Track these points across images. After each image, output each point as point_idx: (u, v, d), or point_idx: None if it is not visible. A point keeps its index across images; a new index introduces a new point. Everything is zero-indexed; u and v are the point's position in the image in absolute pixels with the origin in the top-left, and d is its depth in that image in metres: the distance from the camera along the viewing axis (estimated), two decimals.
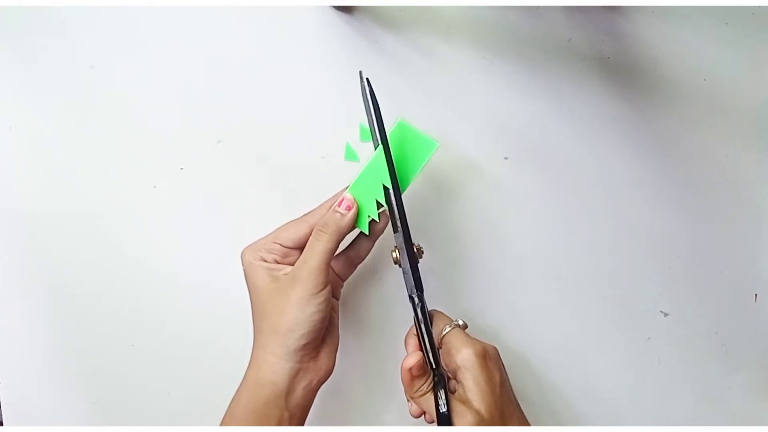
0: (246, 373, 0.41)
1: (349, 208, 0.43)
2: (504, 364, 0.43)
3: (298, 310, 0.39)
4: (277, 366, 0.39)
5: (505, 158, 0.52)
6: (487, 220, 0.52)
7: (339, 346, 0.44)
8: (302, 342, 0.39)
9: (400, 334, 0.47)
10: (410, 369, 0.42)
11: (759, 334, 0.52)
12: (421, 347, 0.42)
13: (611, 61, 0.53)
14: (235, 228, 0.51)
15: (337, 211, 0.42)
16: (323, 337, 0.42)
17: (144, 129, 0.52)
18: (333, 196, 0.45)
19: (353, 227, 0.43)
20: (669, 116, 0.52)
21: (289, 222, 0.44)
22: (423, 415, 0.43)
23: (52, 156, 0.52)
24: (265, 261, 0.42)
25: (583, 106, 0.52)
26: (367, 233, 0.44)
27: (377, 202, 0.44)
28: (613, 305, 0.51)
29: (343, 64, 0.52)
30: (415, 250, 0.43)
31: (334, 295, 0.45)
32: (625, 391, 0.51)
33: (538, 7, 0.53)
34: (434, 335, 0.43)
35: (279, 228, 0.44)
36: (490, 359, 0.41)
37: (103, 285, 0.51)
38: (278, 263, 0.42)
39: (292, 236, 0.43)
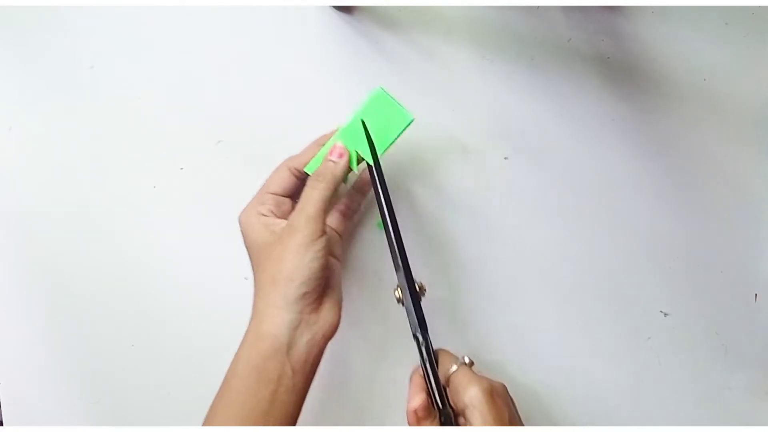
0: (247, 328, 0.40)
1: (341, 156, 0.43)
2: (513, 399, 0.42)
3: (296, 258, 0.39)
4: (278, 318, 0.39)
5: (505, 158, 0.52)
6: (487, 220, 0.52)
7: (341, 352, 0.44)
8: (302, 291, 0.39)
9: (403, 340, 0.47)
10: (415, 411, 0.41)
11: (759, 334, 0.52)
12: (427, 387, 0.42)
13: (611, 61, 0.53)
14: (235, 228, 0.51)
15: (329, 160, 0.43)
16: (324, 290, 0.42)
17: (144, 129, 0.52)
18: (315, 140, 0.45)
19: (347, 173, 0.43)
20: (669, 116, 0.52)
21: (272, 173, 0.45)
22: None
23: (52, 156, 0.53)
24: (263, 215, 0.42)
25: (583, 106, 0.52)
26: (357, 171, 0.45)
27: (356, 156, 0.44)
28: (613, 305, 0.51)
29: (343, 64, 0.52)
30: (417, 288, 0.43)
31: (335, 253, 0.45)
32: (625, 391, 0.51)
33: (538, 7, 0.53)
34: (441, 374, 0.42)
35: (264, 182, 0.45)
36: (499, 396, 0.40)
37: (103, 285, 0.51)
38: (274, 215, 0.43)
39: (277, 182, 0.44)
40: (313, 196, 0.41)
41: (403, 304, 0.44)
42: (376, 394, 0.51)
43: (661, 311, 0.52)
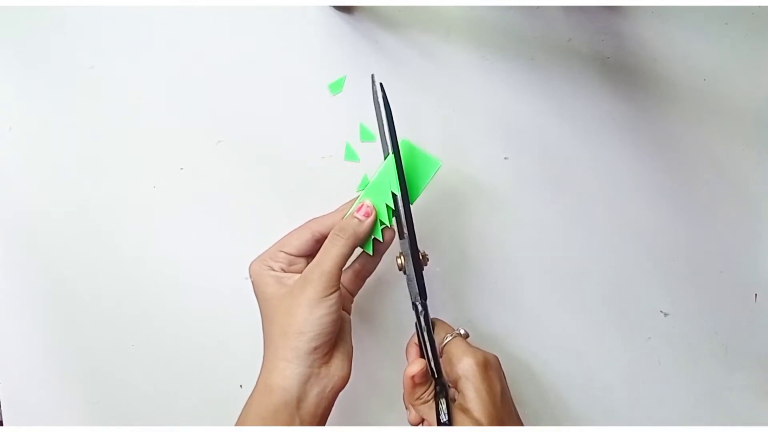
0: (257, 379, 0.40)
1: (367, 215, 0.42)
2: (504, 372, 0.43)
3: (307, 312, 0.39)
4: (288, 371, 0.38)
5: (505, 158, 0.52)
6: (487, 220, 0.52)
7: None
8: (312, 345, 0.39)
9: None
10: (413, 377, 0.41)
11: (759, 334, 0.52)
12: (423, 355, 0.42)
13: (611, 61, 0.53)
14: (235, 228, 0.51)
15: (355, 217, 0.42)
16: (335, 344, 0.41)
17: (144, 129, 0.52)
18: (342, 206, 0.44)
19: (370, 235, 0.43)
20: (669, 116, 0.52)
21: (292, 231, 0.44)
22: (422, 423, 0.43)
23: (52, 156, 0.53)
24: (273, 270, 0.42)
25: (583, 105, 0.52)
26: (371, 253, 0.44)
27: (388, 209, 0.44)
28: (613, 305, 0.51)
29: (343, 64, 0.52)
30: (420, 257, 0.43)
31: (345, 308, 0.45)
32: (625, 391, 0.51)
33: (537, 7, 0.53)
34: (436, 343, 0.43)
35: (282, 238, 0.44)
36: (491, 368, 0.41)
37: (103, 285, 0.51)
38: (284, 272, 0.42)
39: (295, 243, 0.43)
40: (331, 252, 0.40)
41: (404, 272, 0.44)
42: (375, 395, 0.51)
43: (661, 311, 0.52)
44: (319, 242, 0.43)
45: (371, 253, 0.44)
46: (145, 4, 0.53)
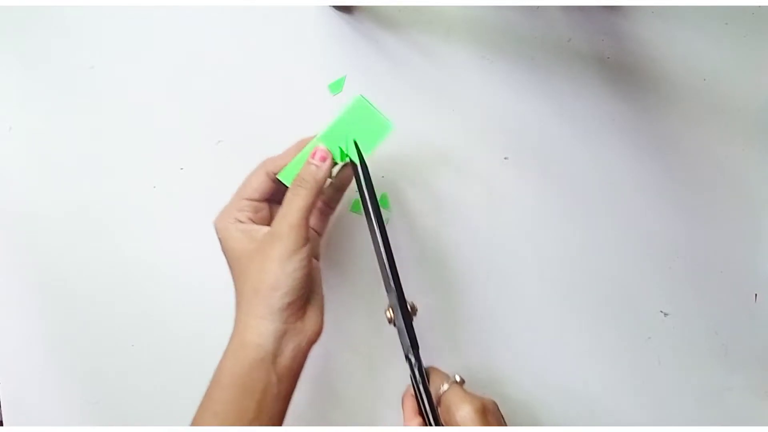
0: (230, 339, 0.40)
1: (323, 159, 0.42)
2: (504, 416, 0.42)
3: (278, 268, 0.38)
4: (262, 327, 0.38)
5: (505, 158, 0.52)
6: (487, 220, 0.52)
7: (337, 353, 0.43)
8: (286, 300, 0.38)
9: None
10: None
11: (759, 334, 0.52)
12: (420, 409, 0.42)
13: (611, 61, 0.53)
14: None
15: (312, 163, 0.42)
16: (307, 297, 0.41)
17: (144, 129, 0.52)
18: (295, 144, 0.44)
19: (328, 177, 0.43)
20: (669, 116, 0.52)
21: (247, 176, 0.44)
22: None
23: (52, 156, 0.53)
24: (241, 222, 0.41)
25: (583, 106, 0.52)
26: (341, 162, 0.44)
27: (341, 151, 0.43)
28: (613, 305, 0.51)
29: (343, 64, 0.52)
30: (409, 308, 0.43)
31: (314, 253, 0.44)
32: (625, 391, 0.51)
33: (537, 7, 0.53)
34: (432, 393, 0.42)
35: (240, 186, 0.43)
36: (490, 414, 0.40)
37: (103, 285, 0.51)
38: (252, 222, 0.42)
39: (254, 186, 0.43)
40: (295, 203, 0.40)
41: (394, 325, 0.43)
42: (369, 399, 0.51)
43: (661, 311, 0.52)
44: (276, 182, 0.43)
45: (341, 161, 0.43)
46: (145, 4, 0.53)
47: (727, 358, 0.51)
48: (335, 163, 0.43)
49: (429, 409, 0.41)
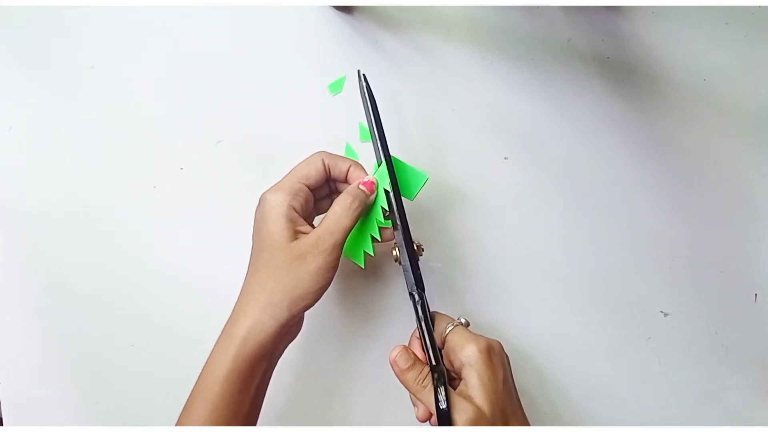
0: (229, 331, 0.39)
1: (372, 191, 0.43)
2: (509, 358, 0.43)
3: (314, 281, 0.39)
4: (272, 329, 0.39)
5: (505, 158, 0.52)
6: (487, 220, 0.52)
7: (339, 343, 0.43)
8: (304, 311, 0.40)
9: (400, 332, 0.47)
10: (395, 361, 0.42)
11: (759, 334, 0.52)
12: (422, 345, 0.42)
13: (611, 61, 0.53)
14: (235, 228, 0.51)
15: (362, 189, 0.42)
16: None
17: (144, 129, 0.52)
18: (353, 161, 0.44)
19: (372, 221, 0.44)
20: (669, 116, 0.52)
21: (302, 162, 0.43)
22: (430, 418, 0.42)
23: (52, 156, 0.52)
24: (294, 209, 0.41)
25: (582, 106, 0.52)
26: (363, 266, 0.44)
27: (382, 210, 0.44)
28: (613, 305, 0.51)
29: (343, 64, 0.52)
30: (415, 247, 0.43)
31: None
32: (625, 391, 0.51)
33: (537, 7, 0.53)
34: (437, 335, 0.43)
35: (295, 168, 0.43)
36: (495, 354, 0.41)
37: (103, 285, 0.51)
38: (302, 212, 0.41)
39: (313, 173, 0.42)
40: (343, 223, 0.40)
41: (400, 263, 0.44)
42: (369, 399, 0.51)
43: (661, 311, 0.52)
44: (326, 174, 0.43)
45: (363, 266, 0.44)
46: (145, 4, 0.53)
47: (727, 357, 0.51)
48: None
49: (428, 340, 0.41)
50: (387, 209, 0.44)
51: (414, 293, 0.43)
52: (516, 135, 0.52)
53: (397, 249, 0.44)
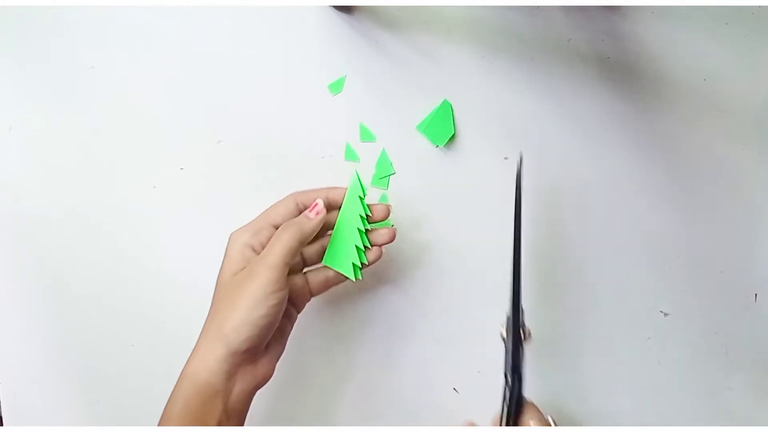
0: (184, 368, 0.39)
1: (317, 214, 0.42)
2: None
3: (246, 310, 0.38)
4: (216, 366, 0.38)
5: (505, 158, 0.52)
6: (487, 220, 0.52)
7: (339, 350, 0.43)
8: (243, 347, 0.38)
9: (390, 334, 0.47)
10: None
11: (759, 334, 0.52)
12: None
13: (611, 61, 0.53)
14: (235, 228, 0.51)
15: (305, 215, 0.42)
16: (268, 344, 0.41)
17: (144, 129, 0.52)
18: (327, 187, 0.44)
19: (315, 233, 0.42)
20: (669, 116, 0.52)
21: (277, 202, 0.43)
22: None
23: (52, 156, 0.53)
24: (250, 246, 0.41)
25: (582, 106, 0.52)
26: (354, 279, 0.44)
27: (360, 233, 0.44)
28: (613, 305, 0.51)
29: (343, 64, 0.52)
30: (522, 331, 0.42)
31: (298, 306, 0.44)
32: (625, 391, 0.51)
33: (538, 7, 0.53)
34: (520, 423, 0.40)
35: (267, 209, 0.43)
36: None
37: (103, 285, 0.51)
38: (263, 248, 0.41)
39: (280, 212, 0.43)
40: (277, 245, 0.39)
41: (504, 342, 0.43)
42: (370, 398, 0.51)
43: (661, 311, 0.52)
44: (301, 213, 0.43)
45: (354, 279, 0.44)
46: (145, 4, 0.53)
47: (727, 358, 0.51)
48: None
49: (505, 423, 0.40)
50: (369, 214, 0.44)
51: (507, 376, 0.41)
52: (516, 135, 0.52)
53: (503, 328, 0.43)
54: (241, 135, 0.52)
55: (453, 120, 0.51)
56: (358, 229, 0.44)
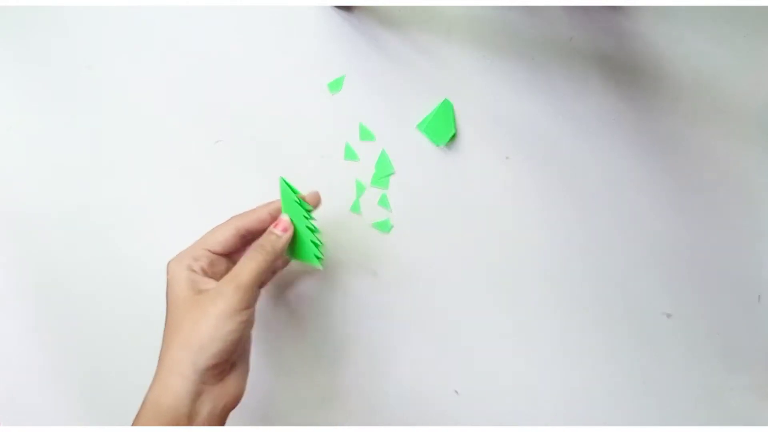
0: (147, 394, 0.38)
1: (285, 230, 0.42)
2: None
3: (214, 326, 0.37)
4: (179, 387, 0.37)
5: (506, 158, 0.52)
6: (487, 220, 0.52)
7: (339, 349, 0.43)
8: (212, 362, 0.37)
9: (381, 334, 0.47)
10: None
11: (762, 335, 0.51)
12: None
13: (612, 61, 0.52)
14: None
15: (272, 233, 0.42)
16: (234, 361, 0.40)
17: (143, 129, 0.52)
18: (264, 204, 0.44)
19: (285, 249, 0.42)
20: (670, 116, 0.52)
21: (215, 227, 0.43)
22: None
23: (52, 156, 0.52)
24: (193, 270, 0.41)
25: (583, 105, 0.52)
26: (322, 267, 0.44)
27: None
28: (615, 306, 0.51)
29: (343, 64, 0.52)
30: None
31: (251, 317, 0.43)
32: (627, 391, 0.51)
33: (538, 6, 0.53)
34: None
35: (205, 234, 0.43)
36: None
37: (102, 285, 0.51)
38: (204, 274, 0.41)
39: (219, 239, 0.42)
40: (248, 266, 0.39)
41: None
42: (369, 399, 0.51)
43: (664, 312, 0.51)
44: (243, 238, 0.43)
45: (321, 267, 0.44)
46: (145, 4, 0.53)
47: (729, 358, 0.51)
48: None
49: None
50: (310, 208, 0.44)
51: None
52: (517, 135, 0.52)
53: None
54: (240, 134, 0.52)
55: (454, 119, 0.51)
56: (307, 227, 0.44)
